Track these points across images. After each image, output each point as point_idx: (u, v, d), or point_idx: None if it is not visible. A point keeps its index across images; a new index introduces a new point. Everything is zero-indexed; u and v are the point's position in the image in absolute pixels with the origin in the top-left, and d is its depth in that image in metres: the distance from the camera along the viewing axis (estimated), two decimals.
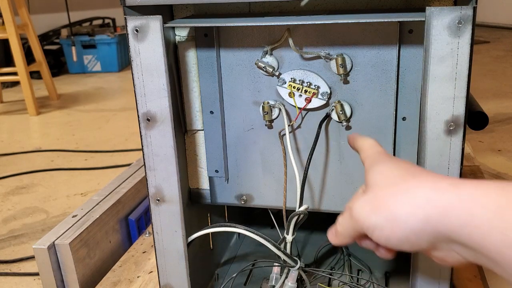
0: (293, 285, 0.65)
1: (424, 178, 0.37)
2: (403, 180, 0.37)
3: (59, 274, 0.80)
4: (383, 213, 0.36)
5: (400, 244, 0.37)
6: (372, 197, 0.38)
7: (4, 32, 2.41)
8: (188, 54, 0.61)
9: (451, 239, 0.34)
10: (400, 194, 0.36)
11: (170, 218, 0.61)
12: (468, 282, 0.72)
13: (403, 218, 0.35)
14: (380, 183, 0.39)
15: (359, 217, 0.38)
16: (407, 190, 0.36)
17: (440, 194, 0.34)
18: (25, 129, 2.28)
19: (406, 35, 0.54)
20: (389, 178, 0.39)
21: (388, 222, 0.36)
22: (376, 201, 0.38)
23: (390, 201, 0.36)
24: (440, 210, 0.33)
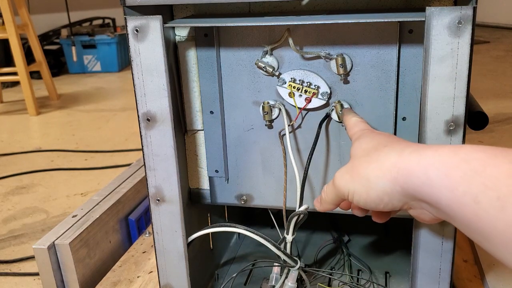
0: (293, 285, 0.65)
1: (393, 146, 0.42)
2: (376, 150, 0.43)
3: (59, 274, 0.80)
4: (358, 180, 0.42)
5: (376, 205, 0.42)
6: (350, 167, 0.44)
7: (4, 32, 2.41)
8: (188, 54, 0.61)
9: (417, 198, 0.38)
10: (373, 162, 0.42)
11: (170, 218, 0.61)
12: (468, 282, 0.73)
13: (375, 181, 0.41)
14: (358, 155, 0.45)
15: (340, 184, 0.45)
16: (378, 158, 0.41)
17: (404, 158, 0.39)
18: (25, 129, 2.28)
19: (406, 35, 0.54)
20: (365, 150, 0.44)
21: (363, 186, 0.42)
22: (353, 170, 0.44)
23: (364, 169, 0.42)
24: (404, 172, 0.38)
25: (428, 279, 0.57)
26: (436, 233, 0.55)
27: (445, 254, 0.55)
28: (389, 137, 0.46)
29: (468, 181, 0.33)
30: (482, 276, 0.73)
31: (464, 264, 0.77)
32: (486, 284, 0.71)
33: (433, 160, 0.36)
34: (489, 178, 0.32)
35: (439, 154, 0.36)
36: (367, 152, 0.44)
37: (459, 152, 0.35)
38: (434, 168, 0.36)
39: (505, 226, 0.30)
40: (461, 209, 0.33)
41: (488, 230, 0.32)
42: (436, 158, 0.36)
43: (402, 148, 0.40)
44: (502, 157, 0.33)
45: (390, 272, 0.76)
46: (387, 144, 0.43)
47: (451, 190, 0.34)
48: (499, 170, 0.32)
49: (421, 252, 0.56)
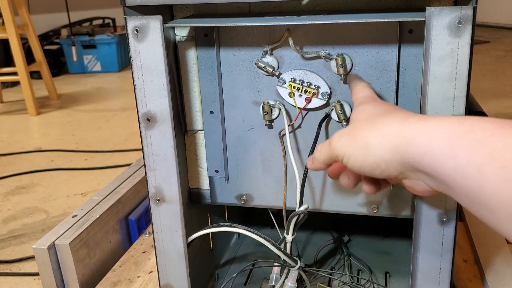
0: (293, 285, 0.65)
1: (397, 114, 0.41)
2: (380, 117, 0.42)
3: (59, 274, 0.80)
4: (358, 143, 0.42)
5: (371, 171, 0.41)
6: (351, 130, 0.44)
7: (4, 32, 2.41)
8: (188, 54, 0.61)
9: (416, 168, 0.38)
10: (374, 127, 0.41)
11: (170, 218, 0.61)
12: (468, 282, 0.73)
13: (375, 146, 0.40)
14: (360, 119, 0.44)
15: (336, 145, 0.44)
16: (381, 124, 0.41)
17: (407, 127, 0.38)
18: (25, 129, 2.28)
19: (406, 35, 0.54)
20: (368, 115, 0.44)
21: (362, 150, 0.41)
22: (353, 133, 0.43)
23: (365, 133, 0.41)
24: (406, 140, 0.37)
25: (428, 279, 0.57)
26: (436, 233, 0.55)
27: (445, 254, 0.55)
28: (394, 106, 0.46)
29: (472, 151, 0.32)
30: (482, 276, 0.73)
31: (464, 264, 0.77)
32: (486, 284, 0.71)
33: (437, 130, 0.35)
34: (495, 148, 0.31)
35: (443, 123, 0.36)
36: (370, 118, 0.43)
37: (464, 122, 0.35)
38: (438, 137, 0.35)
39: (510, 196, 0.30)
40: (464, 180, 0.33)
41: (491, 201, 0.31)
42: (441, 127, 0.35)
43: (406, 117, 0.40)
44: (509, 127, 0.32)
45: (390, 272, 0.76)
46: (391, 112, 0.42)
47: (455, 160, 0.33)
48: (505, 141, 0.31)
49: (421, 252, 0.56)
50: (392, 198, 0.61)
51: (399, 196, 0.61)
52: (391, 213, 0.62)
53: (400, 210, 0.61)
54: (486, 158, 0.31)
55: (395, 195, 0.61)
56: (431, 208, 0.54)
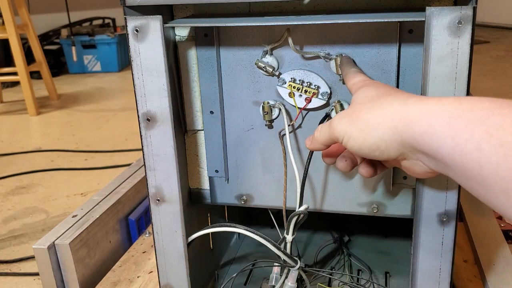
0: (293, 285, 0.65)
1: (397, 95, 0.41)
2: (380, 98, 0.42)
3: (59, 274, 0.80)
4: (358, 124, 0.42)
5: (371, 152, 0.41)
6: (351, 111, 0.44)
7: (4, 32, 2.42)
8: (188, 54, 0.61)
9: (415, 148, 0.38)
10: (375, 108, 0.41)
11: (170, 218, 0.61)
12: (468, 282, 0.73)
13: (375, 127, 0.40)
14: (360, 101, 0.44)
15: (337, 126, 0.44)
16: (381, 105, 0.41)
17: (407, 107, 0.39)
18: (25, 129, 2.28)
19: (406, 35, 0.54)
20: (369, 97, 0.44)
21: (362, 131, 0.41)
22: (354, 115, 0.43)
23: (365, 114, 0.42)
24: (405, 121, 0.38)
25: (428, 279, 0.57)
26: (436, 233, 0.55)
27: (445, 254, 0.55)
28: (394, 88, 0.46)
29: (471, 129, 0.33)
30: (482, 276, 0.73)
31: (464, 264, 0.77)
32: (486, 284, 0.71)
33: (436, 109, 0.36)
34: (493, 126, 0.32)
35: (442, 103, 0.36)
36: (370, 99, 0.43)
37: (463, 101, 0.35)
38: (437, 116, 0.35)
39: (507, 173, 0.30)
40: (462, 158, 0.33)
41: (489, 178, 0.32)
42: (440, 107, 0.36)
43: (406, 98, 0.40)
44: (508, 106, 0.32)
45: (390, 272, 0.76)
46: (391, 93, 0.43)
47: (453, 138, 0.34)
48: (504, 119, 0.32)
49: (421, 252, 0.56)
50: (392, 198, 0.61)
51: (399, 196, 0.61)
52: (391, 213, 0.62)
53: (400, 210, 0.61)
54: (484, 136, 0.32)
55: (395, 195, 0.61)
56: (431, 208, 0.54)
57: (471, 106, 0.34)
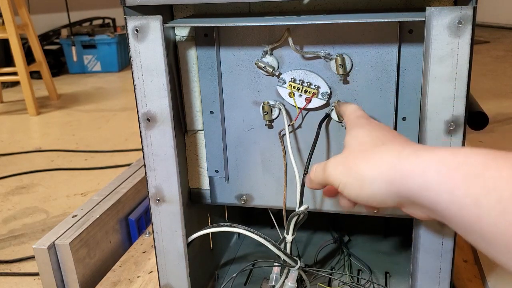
0: (293, 285, 0.65)
1: (391, 145, 0.41)
2: (374, 147, 0.42)
3: (59, 274, 0.80)
4: (354, 174, 0.42)
5: (368, 201, 0.42)
6: (345, 158, 0.44)
7: (4, 32, 2.41)
8: (188, 54, 0.61)
9: (412, 201, 0.38)
10: (369, 159, 0.41)
11: (170, 218, 0.61)
12: (468, 282, 0.73)
13: (371, 180, 0.40)
14: (354, 147, 0.44)
15: (331, 173, 0.44)
16: (375, 156, 0.41)
17: (402, 161, 0.38)
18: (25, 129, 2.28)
19: (406, 35, 0.54)
20: (362, 143, 0.44)
21: (357, 182, 0.41)
22: (348, 163, 0.43)
23: (361, 165, 0.41)
24: (401, 174, 0.38)
25: (428, 279, 0.57)
26: (436, 233, 0.55)
27: (445, 254, 0.55)
28: (387, 133, 0.45)
29: (468, 184, 0.33)
30: (482, 276, 0.73)
31: (464, 264, 0.77)
32: (486, 284, 0.71)
33: (431, 163, 0.36)
34: (490, 180, 0.32)
35: (437, 156, 0.36)
36: (364, 147, 0.43)
37: (458, 154, 0.35)
38: (433, 170, 0.35)
39: (506, 229, 0.30)
40: (461, 212, 0.33)
41: (489, 233, 0.32)
42: (435, 160, 0.36)
43: (400, 150, 0.39)
44: (503, 160, 0.32)
45: (390, 272, 0.76)
46: (385, 142, 0.42)
47: (451, 193, 0.34)
48: (500, 174, 0.32)
49: (421, 252, 0.56)
50: None
51: None
52: (391, 213, 0.62)
53: (400, 210, 0.61)
54: (482, 190, 0.32)
55: None
56: None
57: (466, 159, 0.34)
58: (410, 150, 0.39)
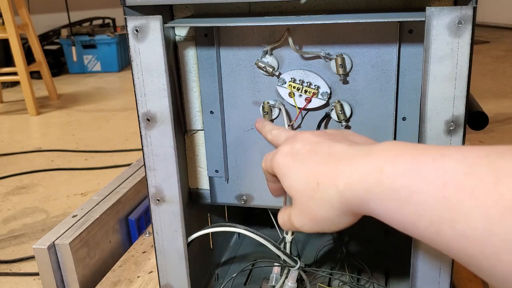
0: (293, 285, 0.65)
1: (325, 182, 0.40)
2: (313, 191, 0.41)
3: (59, 274, 0.80)
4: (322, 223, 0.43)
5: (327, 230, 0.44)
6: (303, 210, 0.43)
7: (4, 32, 2.42)
8: (188, 54, 0.61)
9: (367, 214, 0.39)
10: (320, 203, 0.41)
11: (170, 218, 0.61)
12: (468, 282, 0.73)
13: (339, 220, 0.41)
14: (298, 198, 0.43)
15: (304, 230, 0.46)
16: (322, 198, 0.40)
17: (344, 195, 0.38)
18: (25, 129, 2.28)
19: (406, 35, 0.54)
20: (299, 190, 0.43)
21: (331, 225, 0.43)
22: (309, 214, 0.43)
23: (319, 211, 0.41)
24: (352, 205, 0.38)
25: (428, 279, 0.57)
26: None
27: (445, 254, 0.55)
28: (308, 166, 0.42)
29: (403, 210, 0.34)
30: None
31: None
32: (486, 284, 0.71)
33: (367, 194, 0.36)
34: (419, 206, 0.32)
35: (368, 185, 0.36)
36: (306, 194, 0.42)
37: (384, 180, 0.35)
38: (371, 201, 0.36)
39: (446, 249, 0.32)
40: (407, 233, 0.35)
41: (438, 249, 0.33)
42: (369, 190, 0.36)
43: (335, 184, 0.39)
44: (426, 179, 0.32)
45: (390, 272, 0.76)
46: (317, 180, 0.41)
47: (392, 219, 0.35)
48: (426, 196, 0.32)
49: (421, 252, 0.56)
50: None
51: None
52: None
53: None
54: (414, 216, 0.33)
55: None
56: None
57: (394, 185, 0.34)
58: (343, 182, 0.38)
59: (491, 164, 0.29)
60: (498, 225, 0.28)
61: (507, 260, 0.28)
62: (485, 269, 0.30)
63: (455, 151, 0.32)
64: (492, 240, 0.28)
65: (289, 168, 0.44)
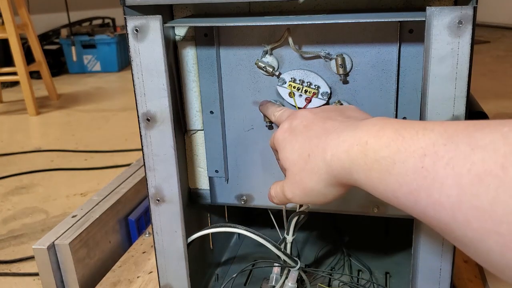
0: (293, 285, 0.65)
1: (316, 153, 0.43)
2: (305, 162, 0.44)
3: (59, 274, 0.80)
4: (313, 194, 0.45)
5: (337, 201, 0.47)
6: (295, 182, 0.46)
7: (4, 32, 2.41)
8: (188, 54, 0.61)
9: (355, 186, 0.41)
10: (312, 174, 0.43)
11: (170, 218, 0.60)
12: (468, 282, 0.72)
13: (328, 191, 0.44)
14: (292, 169, 0.46)
15: (292, 198, 0.47)
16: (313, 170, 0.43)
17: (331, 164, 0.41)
18: (25, 129, 2.28)
19: (406, 35, 0.54)
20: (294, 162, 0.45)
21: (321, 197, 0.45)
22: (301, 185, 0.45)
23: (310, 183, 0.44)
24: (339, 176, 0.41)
25: (429, 279, 0.57)
26: (437, 233, 0.55)
27: (446, 254, 0.55)
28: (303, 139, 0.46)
29: (384, 180, 0.35)
30: (483, 276, 0.73)
31: (465, 265, 0.77)
32: (487, 284, 0.71)
33: (351, 165, 0.38)
34: (399, 176, 0.34)
35: (352, 156, 0.38)
36: (298, 165, 0.45)
37: (367, 152, 0.37)
38: (355, 172, 0.38)
39: (423, 216, 0.34)
40: (388, 202, 0.37)
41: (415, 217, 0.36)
42: (353, 161, 0.38)
43: (323, 155, 0.41)
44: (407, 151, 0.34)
45: (390, 272, 0.76)
46: (309, 152, 0.44)
47: (375, 189, 0.37)
48: (406, 166, 0.34)
49: (422, 252, 0.56)
50: None
51: None
52: (392, 213, 0.61)
53: (400, 210, 0.61)
54: (395, 185, 0.35)
55: None
56: None
57: (376, 155, 0.36)
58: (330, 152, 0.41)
59: (468, 137, 0.31)
60: (469, 193, 0.29)
61: (476, 227, 0.29)
62: (458, 236, 0.31)
63: (437, 125, 0.34)
64: (463, 207, 0.29)
65: (286, 143, 0.47)
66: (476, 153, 0.29)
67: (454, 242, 0.32)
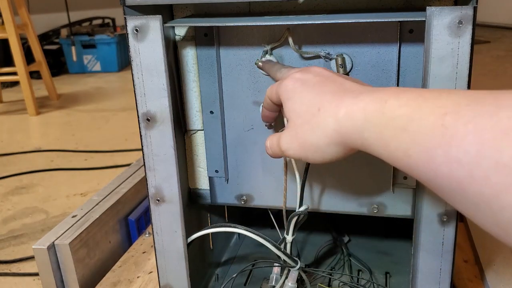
0: (293, 285, 0.65)
1: (326, 109, 0.42)
2: (312, 116, 0.43)
3: (59, 274, 0.80)
4: (309, 148, 0.44)
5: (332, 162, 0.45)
6: (294, 133, 0.45)
7: (4, 32, 2.41)
8: (188, 53, 0.61)
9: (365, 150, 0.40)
10: (315, 128, 0.43)
11: (170, 218, 0.60)
12: (468, 282, 0.72)
13: (326, 148, 0.43)
14: (295, 120, 0.45)
15: (289, 152, 0.47)
16: (318, 124, 0.43)
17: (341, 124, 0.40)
18: (25, 129, 2.28)
19: (406, 35, 0.54)
20: (300, 114, 0.45)
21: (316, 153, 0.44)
22: (299, 138, 0.45)
23: (310, 136, 0.43)
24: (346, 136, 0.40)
25: (429, 279, 0.57)
26: (437, 233, 0.55)
27: (446, 254, 0.55)
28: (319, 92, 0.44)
29: (398, 138, 0.35)
30: (483, 276, 0.73)
31: (465, 265, 0.77)
32: (487, 284, 0.71)
33: (365, 122, 0.38)
34: (416, 133, 0.34)
35: (368, 113, 0.38)
36: (303, 118, 0.44)
37: (385, 109, 0.37)
38: (367, 131, 0.38)
39: (434, 176, 0.33)
40: (396, 163, 0.36)
41: (421, 178, 0.34)
42: (368, 118, 0.38)
43: (335, 111, 0.41)
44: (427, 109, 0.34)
45: (390, 272, 0.76)
46: (319, 106, 0.43)
47: (385, 148, 0.36)
48: (425, 123, 0.33)
49: (422, 252, 0.56)
50: (392, 198, 0.61)
51: (399, 196, 0.61)
52: (391, 213, 0.61)
53: (400, 210, 0.61)
54: (410, 143, 0.34)
55: (395, 195, 0.61)
56: (432, 208, 0.54)
57: (393, 114, 0.36)
58: (344, 110, 0.40)
59: (494, 98, 0.30)
60: (491, 148, 0.28)
61: (495, 182, 0.28)
62: (470, 195, 0.30)
63: (461, 90, 0.34)
64: (482, 163, 0.29)
65: (295, 93, 0.46)
66: (503, 110, 0.29)
67: (460, 205, 0.32)
